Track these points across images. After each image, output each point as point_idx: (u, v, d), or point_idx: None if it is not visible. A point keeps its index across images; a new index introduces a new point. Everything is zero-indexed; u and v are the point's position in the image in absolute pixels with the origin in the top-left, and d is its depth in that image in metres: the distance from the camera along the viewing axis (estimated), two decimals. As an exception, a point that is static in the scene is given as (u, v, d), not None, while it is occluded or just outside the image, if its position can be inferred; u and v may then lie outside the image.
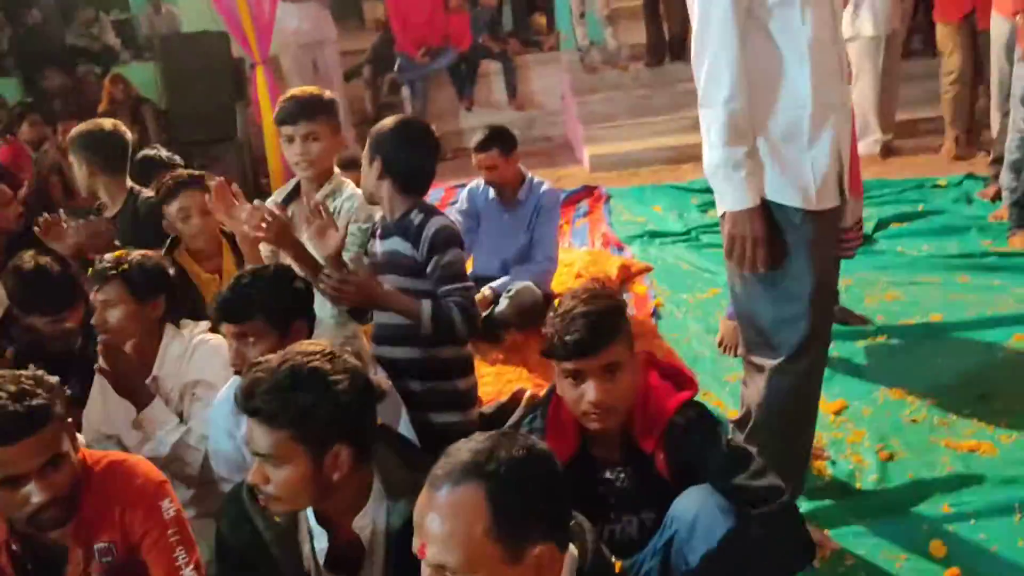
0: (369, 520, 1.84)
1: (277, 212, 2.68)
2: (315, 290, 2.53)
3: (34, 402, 1.80)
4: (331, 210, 2.85)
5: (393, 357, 2.74)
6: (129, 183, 3.73)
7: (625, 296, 4.59)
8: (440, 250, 2.61)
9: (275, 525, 1.85)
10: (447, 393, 2.74)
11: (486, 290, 4.09)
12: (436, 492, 1.31)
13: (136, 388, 2.57)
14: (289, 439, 1.68)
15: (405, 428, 2.50)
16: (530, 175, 4.41)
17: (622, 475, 2.07)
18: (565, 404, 2.00)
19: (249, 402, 1.68)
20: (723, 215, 2.29)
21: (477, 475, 1.29)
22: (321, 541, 1.86)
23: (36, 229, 3.40)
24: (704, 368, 3.73)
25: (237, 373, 2.35)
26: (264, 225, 2.60)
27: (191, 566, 1.97)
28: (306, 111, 2.88)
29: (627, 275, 4.79)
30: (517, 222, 4.31)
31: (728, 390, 3.48)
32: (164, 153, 4.27)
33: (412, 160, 2.66)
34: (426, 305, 2.57)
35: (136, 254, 2.71)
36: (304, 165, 2.92)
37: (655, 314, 4.35)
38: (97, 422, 2.72)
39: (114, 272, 2.63)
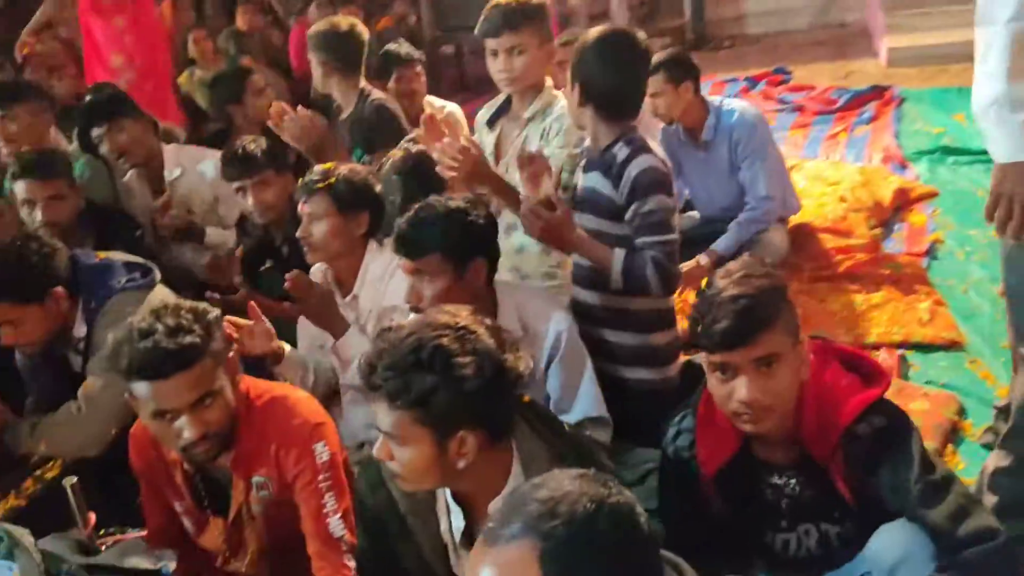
0: None
1: (469, 147, 2.46)
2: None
3: (187, 339, 1.79)
4: (540, 132, 2.62)
5: (586, 301, 2.51)
6: (363, 83, 3.69)
7: (896, 227, 3.98)
8: (641, 195, 2.30)
9: (411, 495, 1.75)
10: (640, 347, 2.47)
11: (702, 259, 3.50)
12: (489, 547, 1.09)
13: (330, 317, 2.55)
14: (411, 421, 1.54)
15: (589, 382, 2.29)
16: (718, 101, 3.72)
17: (792, 481, 1.75)
18: None
19: (370, 377, 1.55)
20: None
21: (534, 533, 1.06)
22: (458, 519, 1.73)
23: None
24: (979, 327, 3.14)
25: (414, 310, 2.25)
26: (455, 163, 2.42)
27: (339, 514, 1.92)
28: (510, 22, 2.63)
29: (904, 200, 4.13)
30: (715, 165, 3.71)
31: (1004, 360, 2.90)
32: (404, 49, 4.21)
33: (614, 80, 2.33)
34: (619, 256, 2.30)
35: (344, 168, 2.66)
36: (507, 82, 2.69)
37: (930, 252, 3.71)
38: (311, 334, 2.77)
39: (321, 185, 2.59)
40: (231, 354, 1.94)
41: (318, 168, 2.67)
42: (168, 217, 3.50)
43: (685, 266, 3.39)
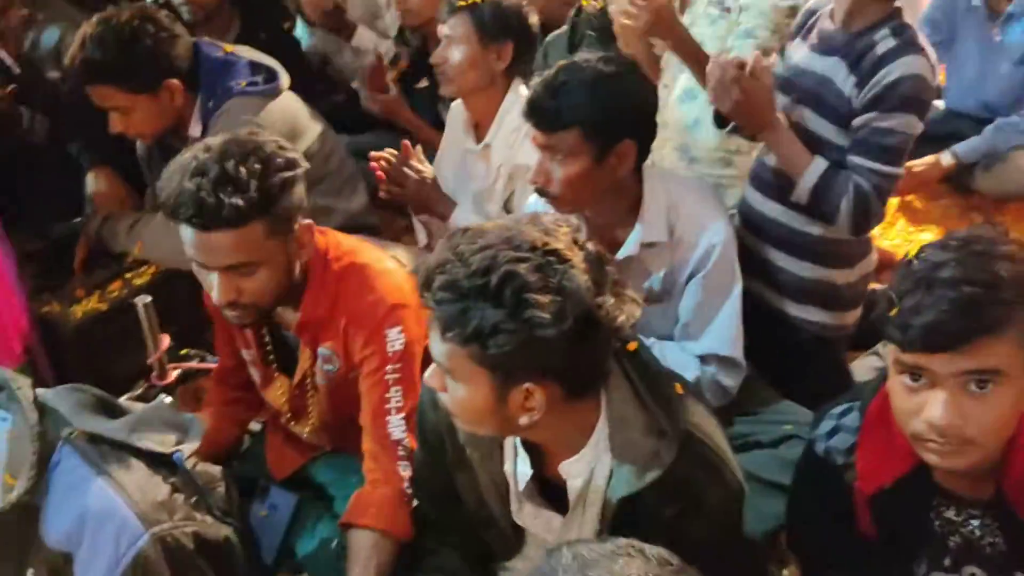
0: (585, 468, 1.33)
1: None
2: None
3: (234, 199, 1.49)
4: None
5: (759, 209, 2.03)
6: None
7: None
8: (890, 107, 1.74)
9: (472, 428, 1.43)
10: (816, 282, 1.99)
11: (944, 157, 2.85)
12: None
13: (432, 201, 2.27)
14: (465, 357, 1.19)
15: (730, 314, 1.86)
16: None
17: (975, 523, 1.30)
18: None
19: (425, 289, 1.20)
20: None
21: None
22: (524, 465, 1.41)
23: None
24: None
25: (539, 192, 1.86)
26: (635, 9, 1.92)
27: (402, 413, 1.65)
28: None
29: None
30: (1006, 48, 2.89)
31: None
32: None
33: None
34: (817, 166, 1.80)
35: None
36: None
37: None
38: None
39: (464, 3, 2.22)
40: (301, 224, 1.63)
41: None
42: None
43: (918, 163, 2.81)
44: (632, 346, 1.36)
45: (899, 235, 2.92)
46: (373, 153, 2.30)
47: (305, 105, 2.54)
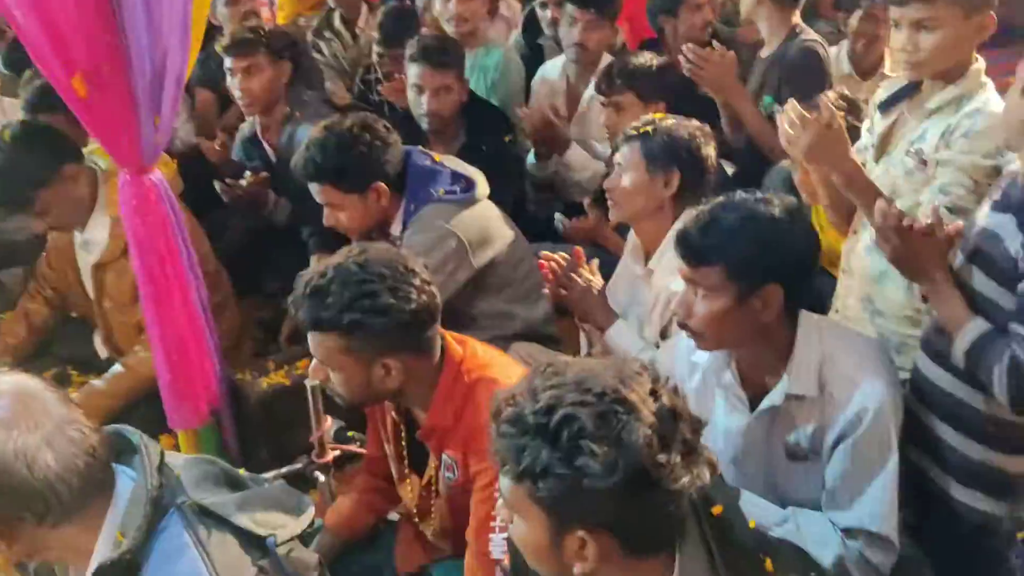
0: None
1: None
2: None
3: (317, 308, 1.65)
4: (942, 130, 1.94)
5: (927, 374, 1.84)
6: (796, 20, 3.11)
7: None
8: None
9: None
10: (984, 465, 1.76)
11: None
12: None
13: (592, 309, 2.27)
14: (522, 493, 1.18)
15: (884, 486, 1.69)
16: None
17: None
18: None
19: (494, 418, 1.22)
20: None
21: None
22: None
23: None
24: None
25: (681, 326, 1.82)
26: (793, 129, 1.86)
27: (504, 533, 1.64)
28: None
29: None
30: None
31: None
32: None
33: None
34: (973, 327, 1.64)
35: (670, 119, 2.27)
36: (909, 65, 1.98)
37: None
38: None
39: (634, 133, 2.25)
40: (387, 360, 1.72)
41: (645, 117, 2.32)
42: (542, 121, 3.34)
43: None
44: (717, 510, 1.28)
45: None
46: (544, 253, 2.36)
47: (501, 214, 2.67)
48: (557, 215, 3.03)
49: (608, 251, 2.95)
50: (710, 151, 2.26)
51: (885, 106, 2.11)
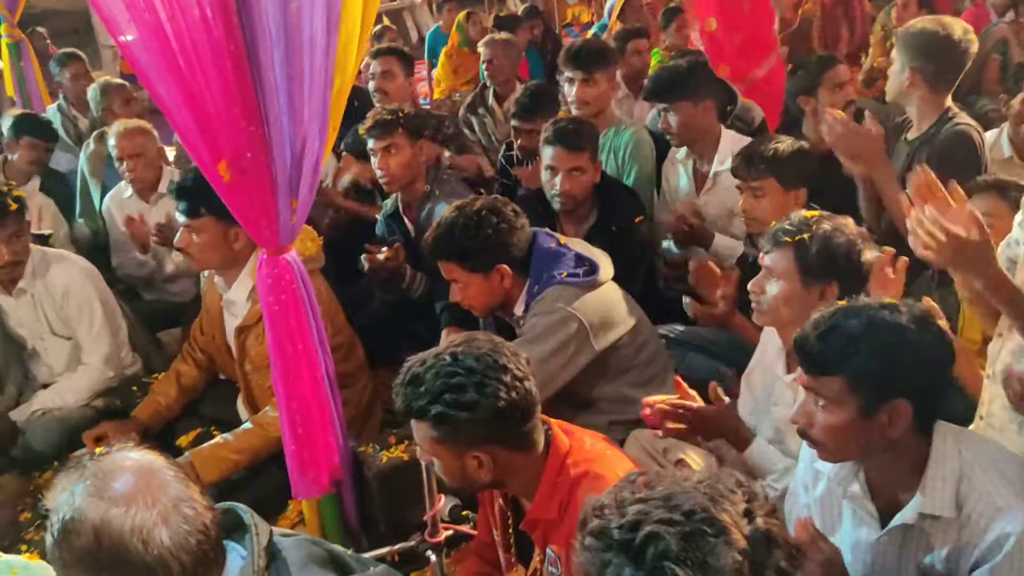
0: None
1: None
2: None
3: (411, 397, 1.71)
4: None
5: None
6: (948, 103, 2.95)
7: None
8: None
9: None
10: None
11: None
12: None
13: (725, 429, 2.18)
14: None
15: None
16: None
17: None
18: None
19: (580, 530, 1.18)
20: None
21: None
22: None
23: None
24: None
25: (800, 434, 1.73)
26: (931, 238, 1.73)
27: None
28: None
29: None
30: None
31: None
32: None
33: None
34: None
35: (827, 223, 2.12)
36: None
37: None
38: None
39: (787, 240, 2.11)
40: (481, 454, 1.73)
41: (797, 216, 2.19)
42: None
43: None
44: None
45: None
46: (646, 401, 2.22)
47: (626, 297, 2.65)
48: (686, 300, 2.97)
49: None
50: (870, 256, 2.12)
51: None
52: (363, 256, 3.28)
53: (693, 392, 2.20)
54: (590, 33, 7.13)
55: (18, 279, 3.15)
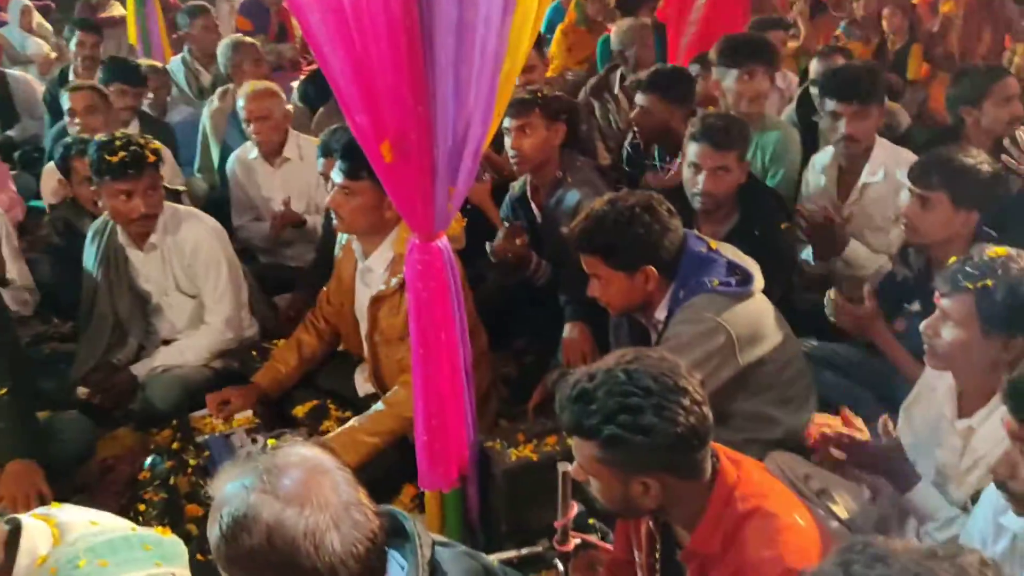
0: None
1: None
2: None
3: (579, 414, 1.61)
4: None
5: None
6: None
7: None
8: None
9: None
10: None
11: None
12: None
13: (890, 469, 2.05)
14: None
15: None
16: None
17: None
18: None
19: None
20: None
21: None
22: None
23: None
24: None
25: (997, 486, 1.59)
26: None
27: None
28: None
29: None
30: None
31: None
32: None
33: None
34: None
35: None
36: None
37: None
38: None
39: (970, 287, 1.95)
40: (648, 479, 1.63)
41: (980, 256, 2.01)
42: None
43: None
44: None
45: None
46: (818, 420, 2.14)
47: (775, 310, 2.52)
48: (830, 292, 2.80)
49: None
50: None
51: None
52: (492, 242, 3.20)
53: (861, 423, 2.06)
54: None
55: (149, 233, 3.15)
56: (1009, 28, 6.54)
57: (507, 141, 3.33)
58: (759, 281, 2.46)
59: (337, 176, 2.69)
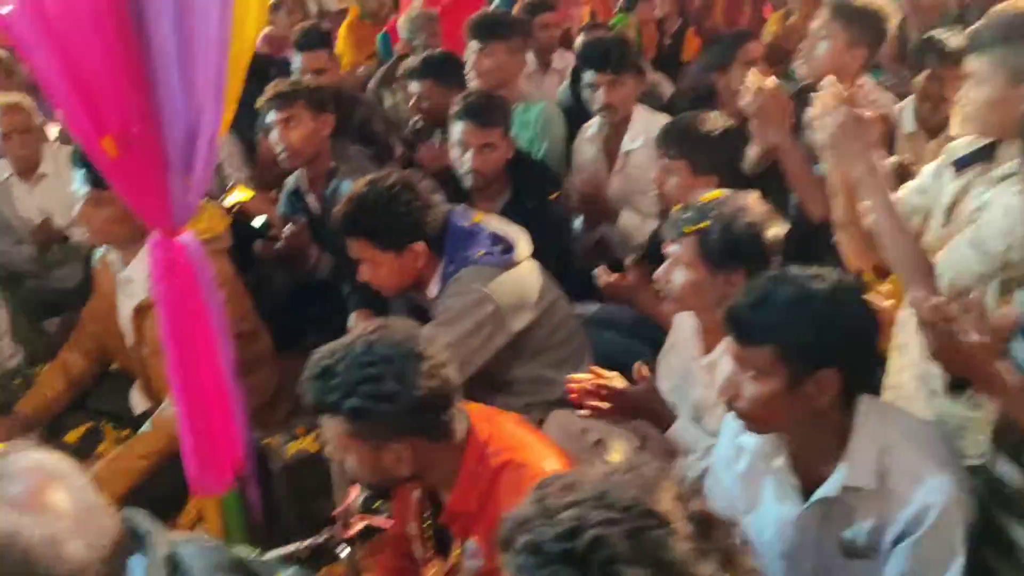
0: None
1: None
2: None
3: (322, 391, 1.62)
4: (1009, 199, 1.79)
5: (1001, 472, 1.69)
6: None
7: None
8: None
9: None
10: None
11: None
12: None
13: (648, 411, 2.14)
14: None
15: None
16: None
17: None
18: None
19: (506, 549, 1.09)
20: None
21: None
22: None
23: None
24: None
25: (728, 406, 1.70)
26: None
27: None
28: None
29: None
30: None
31: None
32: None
33: None
34: None
35: (730, 206, 2.08)
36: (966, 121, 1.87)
37: None
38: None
39: (689, 230, 2.07)
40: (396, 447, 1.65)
41: (696, 203, 2.14)
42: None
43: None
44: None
45: None
46: (569, 377, 2.19)
47: (543, 275, 2.58)
48: (597, 270, 2.90)
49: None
50: (777, 232, 2.08)
51: (960, 164, 1.96)
52: (256, 244, 3.12)
53: (612, 373, 2.15)
54: (493, 3, 6.99)
55: None
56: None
57: (273, 135, 3.26)
58: (523, 249, 2.52)
59: (80, 186, 2.54)
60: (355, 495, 2.13)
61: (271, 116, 3.20)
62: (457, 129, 3.06)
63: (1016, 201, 1.71)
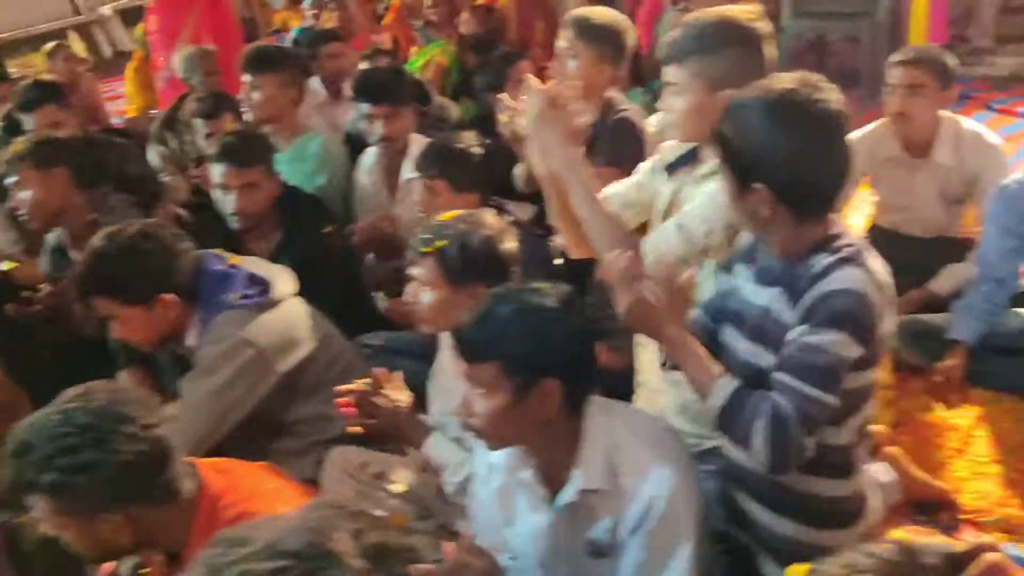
0: None
1: None
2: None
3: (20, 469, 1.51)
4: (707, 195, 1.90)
5: (734, 457, 1.79)
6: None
7: None
8: (818, 321, 1.55)
9: None
10: (805, 544, 1.70)
11: None
12: None
13: (401, 431, 2.12)
14: None
15: (677, 571, 1.61)
16: None
17: None
18: None
19: None
20: None
21: None
22: None
23: None
24: None
25: (464, 425, 1.72)
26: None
27: None
28: (680, 51, 1.92)
29: None
30: None
31: None
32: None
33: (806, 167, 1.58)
34: (721, 387, 1.61)
35: (465, 224, 2.13)
36: (672, 128, 1.98)
37: None
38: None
39: (427, 249, 2.11)
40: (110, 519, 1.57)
41: (434, 223, 2.19)
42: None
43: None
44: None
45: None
46: (339, 388, 2.14)
47: (310, 311, 2.52)
48: (378, 296, 2.90)
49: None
50: (512, 246, 2.14)
51: (672, 168, 2.06)
52: (8, 308, 2.93)
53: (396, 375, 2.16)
54: (291, 36, 6.89)
55: None
56: (559, 16, 7.20)
57: (17, 198, 3.05)
58: (283, 287, 2.46)
59: None
60: (118, 564, 2.01)
61: (7, 180, 3.01)
62: (217, 172, 2.98)
63: (716, 188, 1.82)
